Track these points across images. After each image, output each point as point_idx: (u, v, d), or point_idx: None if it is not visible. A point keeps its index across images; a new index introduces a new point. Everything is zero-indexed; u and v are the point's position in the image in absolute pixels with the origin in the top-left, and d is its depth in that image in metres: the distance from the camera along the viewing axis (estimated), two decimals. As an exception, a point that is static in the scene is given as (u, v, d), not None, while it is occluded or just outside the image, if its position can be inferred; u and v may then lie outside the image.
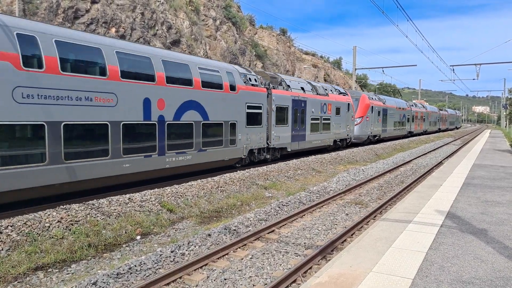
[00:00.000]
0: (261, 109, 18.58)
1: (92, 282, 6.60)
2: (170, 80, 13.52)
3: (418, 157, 27.45)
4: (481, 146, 32.18)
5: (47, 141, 9.92)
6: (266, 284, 6.88)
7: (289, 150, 21.28)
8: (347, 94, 29.64)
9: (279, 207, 12.13)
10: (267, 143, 19.41)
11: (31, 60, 9.62)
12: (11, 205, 10.18)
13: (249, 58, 38.45)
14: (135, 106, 12.26)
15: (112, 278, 6.84)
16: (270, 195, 14.37)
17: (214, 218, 11.37)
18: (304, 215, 11.45)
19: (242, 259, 8.05)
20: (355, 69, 43.39)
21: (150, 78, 12.77)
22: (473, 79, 44.81)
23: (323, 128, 24.89)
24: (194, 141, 14.71)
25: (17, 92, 9.24)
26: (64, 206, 9.76)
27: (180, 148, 14.08)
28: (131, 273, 7.12)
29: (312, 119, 23.38)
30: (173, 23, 28.77)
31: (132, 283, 6.84)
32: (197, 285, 6.87)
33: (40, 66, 9.73)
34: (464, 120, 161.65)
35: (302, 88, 22.84)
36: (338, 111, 26.78)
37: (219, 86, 15.90)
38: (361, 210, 12.32)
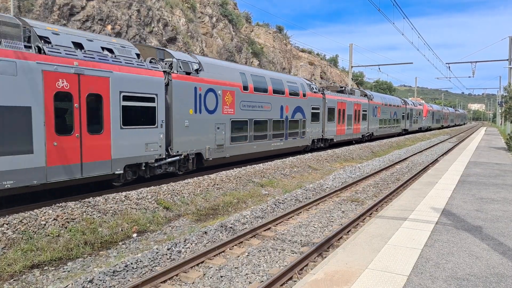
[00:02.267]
0: (404, 113, 45.62)
1: (88, 279, 6.60)
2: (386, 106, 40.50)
3: (414, 154, 27.56)
4: (477, 144, 32.34)
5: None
6: (262, 281, 6.90)
7: (409, 130, 49.04)
8: (421, 104, 57.48)
9: (275, 205, 12.14)
10: (406, 126, 47.27)
11: None
12: (10, 204, 10.15)
13: (245, 55, 38.40)
14: (388, 115, 40.82)
15: (108, 275, 6.84)
16: (267, 192, 14.39)
17: (211, 216, 11.38)
18: (301, 212, 11.48)
19: (238, 256, 8.07)
20: (351, 66, 43.45)
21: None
22: (469, 76, 45.69)
23: (416, 122, 53.28)
24: (400, 124, 44.34)
25: None
26: (60, 204, 9.73)
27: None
28: (127, 270, 7.12)
29: (414, 117, 51.31)
30: (169, 20, 28.68)
31: (129, 280, 6.85)
32: (193, 283, 6.88)
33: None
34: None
35: (411, 104, 49.91)
36: (419, 114, 54.82)
37: (398, 107, 42.28)
38: (357, 207, 12.36)
